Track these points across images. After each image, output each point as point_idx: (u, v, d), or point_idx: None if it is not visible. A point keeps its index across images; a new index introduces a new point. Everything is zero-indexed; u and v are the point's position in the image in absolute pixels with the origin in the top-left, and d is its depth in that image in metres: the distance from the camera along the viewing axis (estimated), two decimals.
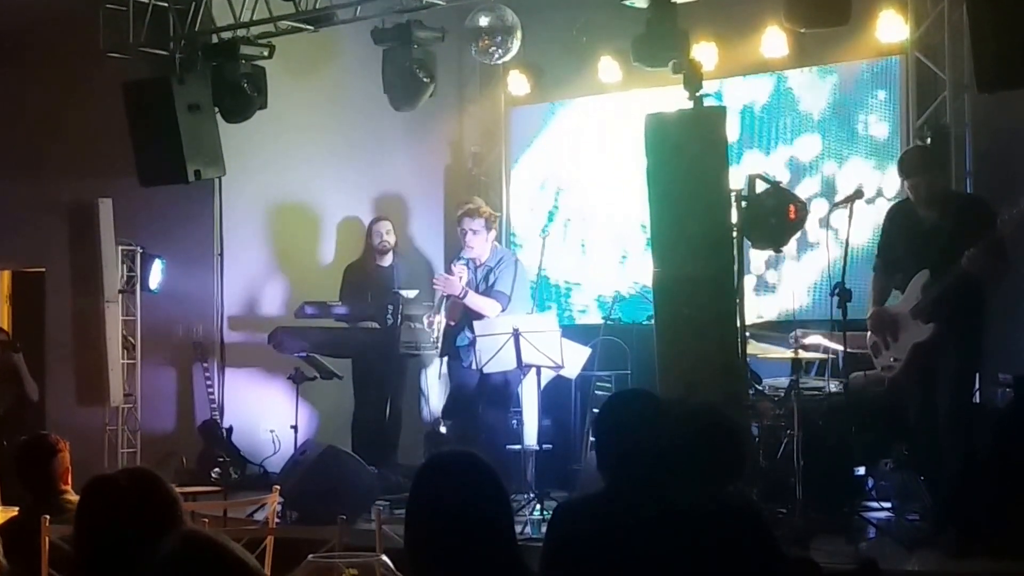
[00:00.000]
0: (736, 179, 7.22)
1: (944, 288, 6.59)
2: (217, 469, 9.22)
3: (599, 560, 3.47)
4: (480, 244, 8.59)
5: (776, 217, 6.85)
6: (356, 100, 9.89)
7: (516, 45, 8.75)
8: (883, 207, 8.59)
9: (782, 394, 7.55)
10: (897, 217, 7.05)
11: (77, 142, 10.14)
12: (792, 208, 6.87)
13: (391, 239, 9.61)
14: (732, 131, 8.25)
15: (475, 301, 8.43)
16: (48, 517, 4.87)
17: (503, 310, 8.43)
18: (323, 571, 5.80)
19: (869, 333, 7.05)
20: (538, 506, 7.72)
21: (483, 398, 8.56)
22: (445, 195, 10.76)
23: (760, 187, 6.97)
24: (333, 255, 10.15)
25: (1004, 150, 8.32)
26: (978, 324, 6.70)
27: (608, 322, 9.06)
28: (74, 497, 5.02)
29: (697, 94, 6.77)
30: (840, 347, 7.38)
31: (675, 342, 6.75)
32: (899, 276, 6.93)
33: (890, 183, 8.70)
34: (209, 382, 9.61)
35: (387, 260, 9.67)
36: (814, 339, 7.69)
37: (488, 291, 8.50)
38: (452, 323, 8.67)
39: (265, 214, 9.85)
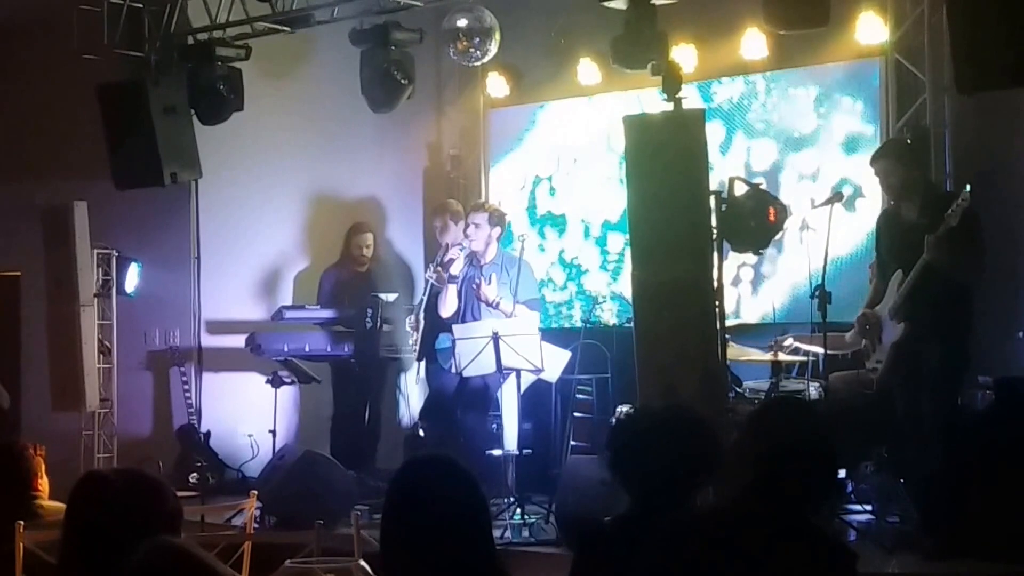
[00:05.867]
0: (716, 181, 7.21)
1: (912, 284, 6.60)
2: (195, 474, 9.17)
3: None
4: (482, 238, 8.55)
5: (756, 219, 6.84)
6: (333, 102, 9.83)
7: (494, 47, 8.71)
8: (863, 209, 8.62)
9: (762, 397, 7.53)
10: (884, 220, 7.09)
11: (51, 144, 10.05)
12: (772, 210, 6.86)
13: (369, 253, 9.63)
14: (711, 133, 8.23)
15: (514, 311, 8.27)
16: (23, 523, 4.83)
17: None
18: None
19: (860, 336, 7.04)
20: (518, 510, 7.70)
21: (462, 402, 8.53)
22: (423, 198, 10.72)
23: (740, 189, 6.96)
24: (310, 259, 10.10)
25: (983, 151, 8.32)
26: (956, 323, 6.68)
27: (588, 325, 9.03)
28: (47, 503, 4.99)
29: (676, 96, 6.75)
30: (818, 349, 7.38)
31: (655, 345, 6.73)
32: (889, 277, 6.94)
33: (870, 186, 8.69)
34: (186, 386, 9.56)
35: (364, 266, 9.67)
36: (788, 341, 7.67)
37: (516, 300, 8.33)
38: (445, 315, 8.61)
39: (242, 217, 9.78)
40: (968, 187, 6.41)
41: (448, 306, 8.62)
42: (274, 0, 8.23)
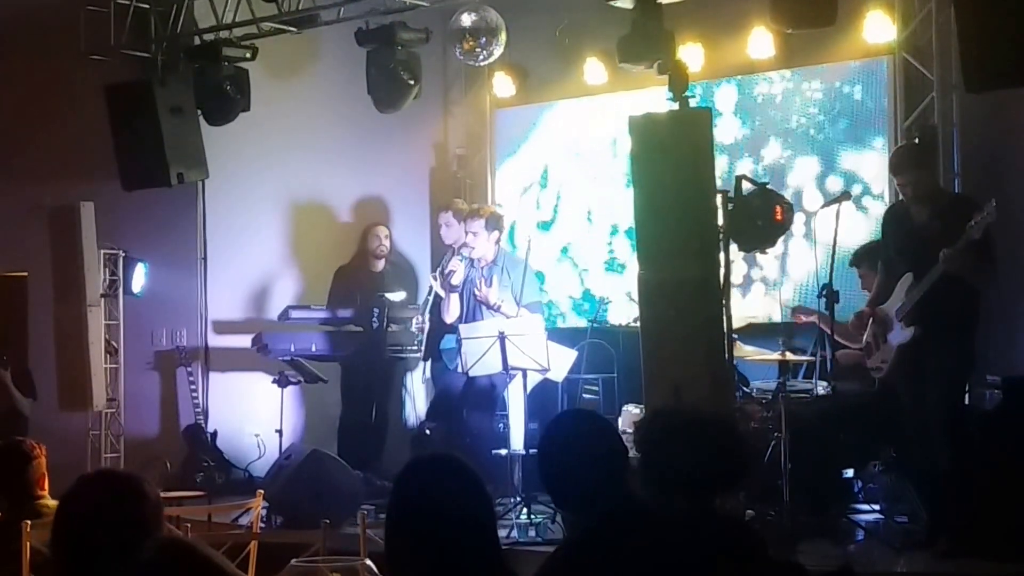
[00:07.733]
0: (721, 180, 7.20)
1: (926, 290, 6.54)
2: (201, 474, 9.17)
3: None
4: (482, 244, 8.55)
5: (762, 219, 6.82)
6: (340, 102, 9.83)
7: (501, 46, 8.71)
8: (871, 208, 8.61)
9: (769, 396, 7.53)
10: (892, 217, 7.02)
11: (58, 145, 10.07)
12: (778, 209, 6.84)
13: (388, 244, 9.69)
14: (718, 133, 8.22)
15: (516, 316, 8.20)
16: (29, 523, 4.84)
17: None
18: (306, 575, 5.77)
19: (860, 332, 7.01)
20: (524, 510, 7.69)
21: (468, 402, 8.53)
22: (430, 198, 10.72)
23: (746, 188, 6.94)
24: (316, 259, 10.09)
25: (992, 150, 8.31)
26: (965, 326, 6.64)
27: (594, 325, 9.02)
28: (51, 502, 4.98)
29: (683, 95, 6.74)
30: (825, 328, 7.34)
31: (661, 345, 6.71)
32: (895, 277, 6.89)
33: (878, 184, 8.68)
34: (193, 386, 9.56)
35: (379, 265, 9.72)
36: (812, 317, 7.66)
37: (518, 303, 8.30)
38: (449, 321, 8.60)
39: (248, 217, 9.79)
40: (994, 201, 6.33)
41: (451, 313, 8.63)
42: (280, 0, 8.23)
